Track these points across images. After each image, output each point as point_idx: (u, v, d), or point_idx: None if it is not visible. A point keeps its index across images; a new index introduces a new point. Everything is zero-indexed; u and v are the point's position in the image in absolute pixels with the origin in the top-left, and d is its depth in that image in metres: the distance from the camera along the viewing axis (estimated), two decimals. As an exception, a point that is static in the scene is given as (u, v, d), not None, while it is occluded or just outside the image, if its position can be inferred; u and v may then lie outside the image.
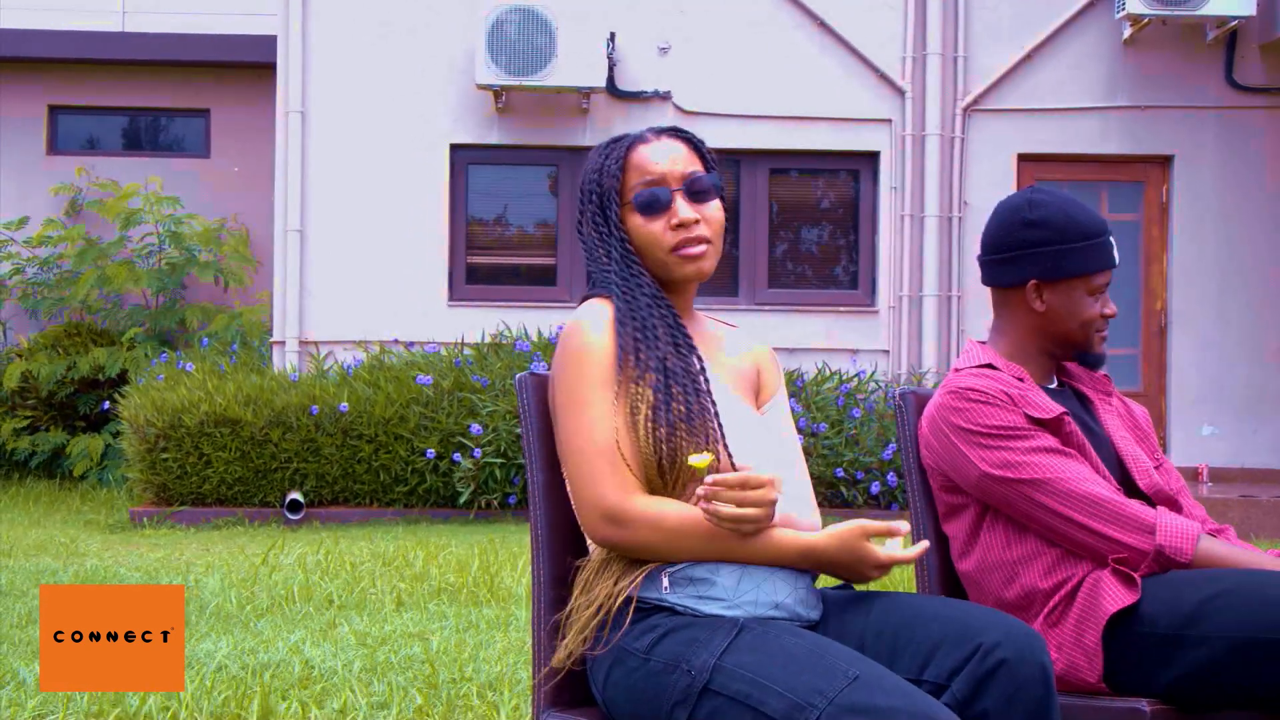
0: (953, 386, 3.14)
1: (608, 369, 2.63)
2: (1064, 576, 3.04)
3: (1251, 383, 12.35)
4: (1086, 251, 3.18)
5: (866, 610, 2.62)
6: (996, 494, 3.07)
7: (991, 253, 3.26)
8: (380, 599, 6.88)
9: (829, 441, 10.85)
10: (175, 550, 8.98)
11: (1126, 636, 2.93)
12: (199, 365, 11.68)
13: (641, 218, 2.73)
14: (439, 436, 10.70)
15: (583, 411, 2.62)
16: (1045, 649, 2.43)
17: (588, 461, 2.60)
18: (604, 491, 2.57)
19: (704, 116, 12.24)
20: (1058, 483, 3.01)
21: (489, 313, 11.99)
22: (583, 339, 2.65)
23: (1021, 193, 3.27)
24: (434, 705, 4.66)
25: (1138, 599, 2.91)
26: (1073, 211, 3.19)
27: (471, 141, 12.28)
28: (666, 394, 2.60)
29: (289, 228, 12.15)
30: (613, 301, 2.70)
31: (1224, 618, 2.81)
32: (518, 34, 11.64)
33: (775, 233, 12.56)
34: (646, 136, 2.78)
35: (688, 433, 2.58)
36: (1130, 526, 2.98)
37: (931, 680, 2.43)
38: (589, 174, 2.78)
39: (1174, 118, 12.38)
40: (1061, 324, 3.21)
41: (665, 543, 2.55)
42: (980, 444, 3.06)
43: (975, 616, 2.47)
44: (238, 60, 14.60)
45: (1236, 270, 12.38)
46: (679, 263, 2.73)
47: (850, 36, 12.30)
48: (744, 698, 2.36)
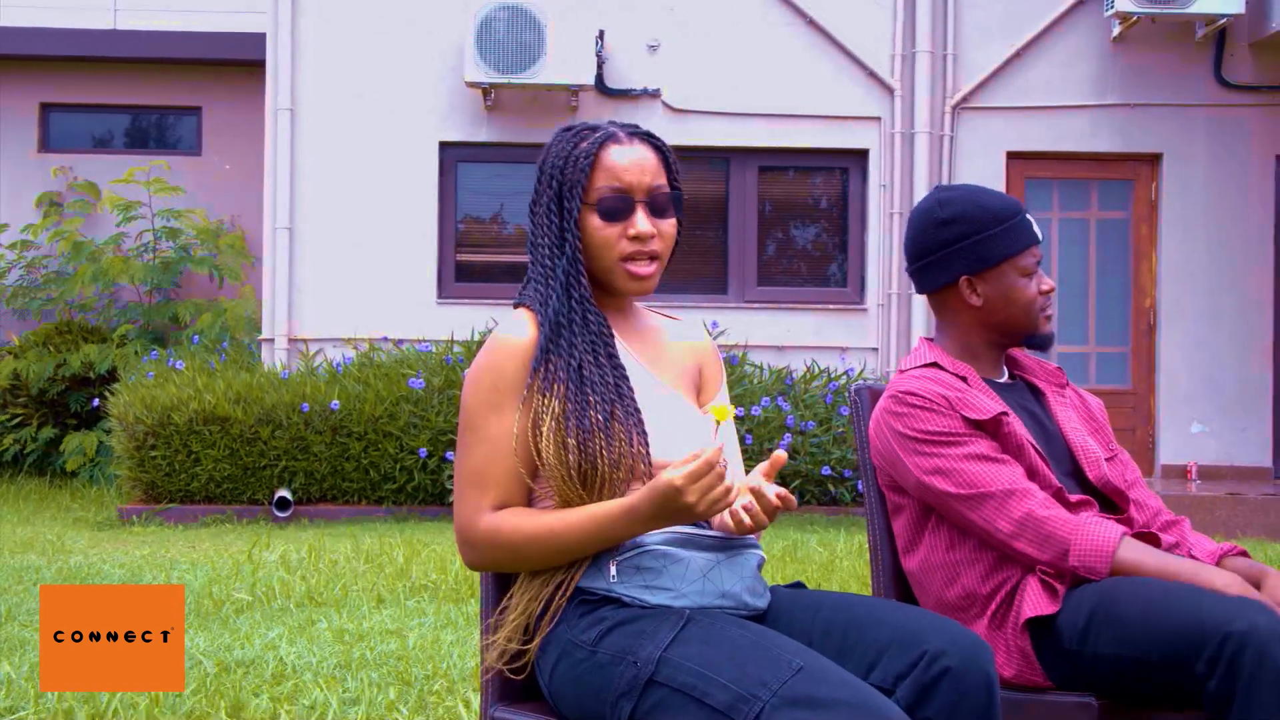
0: (893, 390, 3.15)
1: (505, 391, 2.64)
2: (1001, 579, 3.06)
3: (1240, 380, 12.35)
4: (1005, 234, 3.19)
5: (815, 609, 2.63)
6: (932, 499, 3.10)
7: (915, 260, 3.28)
8: (360, 596, 6.90)
9: (817, 439, 10.85)
10: (162, 548, 8.99)
11: (1051, 644, 2.96)
12: (189, 363, 11.68)
13: (600, 221, 2.70)
14: (429, 434, 10.70)
15: (468, 434, 2.66)
16: (992, 658, 2.44)
17: (457, 484, 2.66)
18: (459, 514, 2.64)
19: (693, 114, 12.25)
20: (986, 497, 3.03)
21: (479, 310, 11.99)
22: (487, 359, 2.68)
23: (929, 195, 3.28)
24: (405, 701, 4.67)
25: (1055, 610, 2.94)
26: (983, 199, 3.20)
27: (461, 139, 12.28)
28: (582, 402, 2.60)
29: (279, 225, 12.16)
30: (536, 312, 2.70)
31: (1105, 633, 2.85)
32: (507, 31, 11.65)
33: (765, 231, 12.57)
34: (620, 136, 2.74)
35: (606, 442, 2.58)
36: (1047, 547, 2.98)
37: (877, 683, 2.43)
38: (554, 159, 2.74)
39: (1163, 115, 12.39)
40: (1002, 311, 3.22)
41: (510, 558, 2.61)
42: (916, 450, 3.08)
43: (923, 623, 2.47)
44: (229, 58, 14.58)
45: (1226, 268, 12.38)
46: (625, 276, 2.72)
47: (840, 34, 12.31)
48: (689, 689, 2.37)
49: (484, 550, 2.61)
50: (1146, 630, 2.77)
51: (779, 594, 2.72)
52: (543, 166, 2.75)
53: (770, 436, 10.73)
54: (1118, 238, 12.45)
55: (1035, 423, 3.23)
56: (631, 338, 2.80)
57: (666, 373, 2.82)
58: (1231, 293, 12.37)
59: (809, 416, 11.02)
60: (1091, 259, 12.33)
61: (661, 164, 2.75)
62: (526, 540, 2.57)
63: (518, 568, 2.64)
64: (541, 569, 2.62)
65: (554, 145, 2.76)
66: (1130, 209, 12.52)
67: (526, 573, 2.65)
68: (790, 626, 2.60)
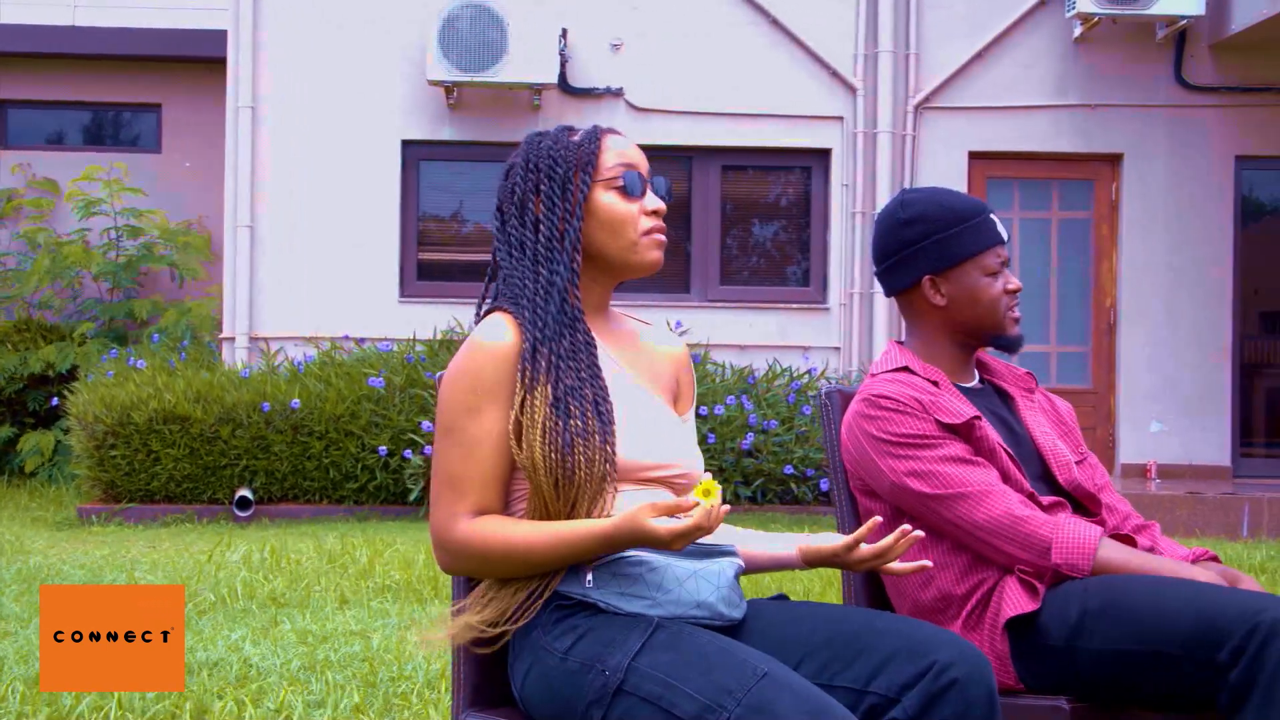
0: (866, 394, 3.15)
1: (482, 394, 2.60)
2: (977, 581, 3.06)
3: (1200, 380, 12.42)
4: (966, 233, 3.19)
5: (802, 620, 2.62)
6: (907, 503, 3.09)
7: (880, 261, 3.29)
8: (324, 597, 6.87)
9: (779, 439, 10.86)
10: (122, 548, 8.93)
11: (1032, 643, 2.96)
12: (149, 361, 11.61)
13: (619, 196, 2.68)
14: (390, 433, 10.67)
15: (444, 436, 2.63)
16: (992, 672, 2.46)
17: (434, 487, 2.64)
18: (434, 518, 2.62)
19: (656, 113, 12.25)
20: (962, 498, 3.03)
21: (441, 309, 11.96)
22: (464, 362, 2.64)
23: (894, 198, 3.30)
24: (371, 703, 4.65)
25: (1037, 608, 2.94)
26: (945, 200, 3.22)
27: (423, 137, 12.25)
28: (564, 411, 2.57)
29: (240, 223, 12.10)
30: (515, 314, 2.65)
31: (1104, 629, 2.85)
32: (470, 30, 11.62)
33: (727, 230, 12.57)
34: (611, 129, 2.76)
35: (585, 450, 2.57)
36: (1028, 545, 2.99)
37: (879, 692, 2.44)
38: (548, 150, 2.70)
39: (1124, 116, 12.45)
40: (967, 311, 3.22)
41: (482, 567, 2.59)
42: (891, 453, 3.08)
43: (928, 634, 2.48)
44: (189, 55, 14.49)
45: (1185, 268, 12.45)
46: (649, 246, 2.70)
47: (803, 34, 12.32)
48: (656, 699, 2.37)
49: (458, 557, 2.59)
50: (1161, 622, 2.77)
51: (763, 606, 2.71)
52: (532, 163, 2.71)
53: (733, 436, 10.73)
54: (1079, 237, 12.50)
55: (1005, 427, 3.23)
56: (610, 339, 2.79)
57: (644, 375, 2.80)
58: (1191, 293, 12.44)
59: (771, 415, 11.02)
60: (1053, 259, 12.37)
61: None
62: (499, 552, 2.55)
63: (488, 575, 2.62)
64: (504, 577, 2.61)
65: (537, 143, 2.74)
66: (1091, 209, 12.58)
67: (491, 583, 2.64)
68: (783, 637, 2.59)
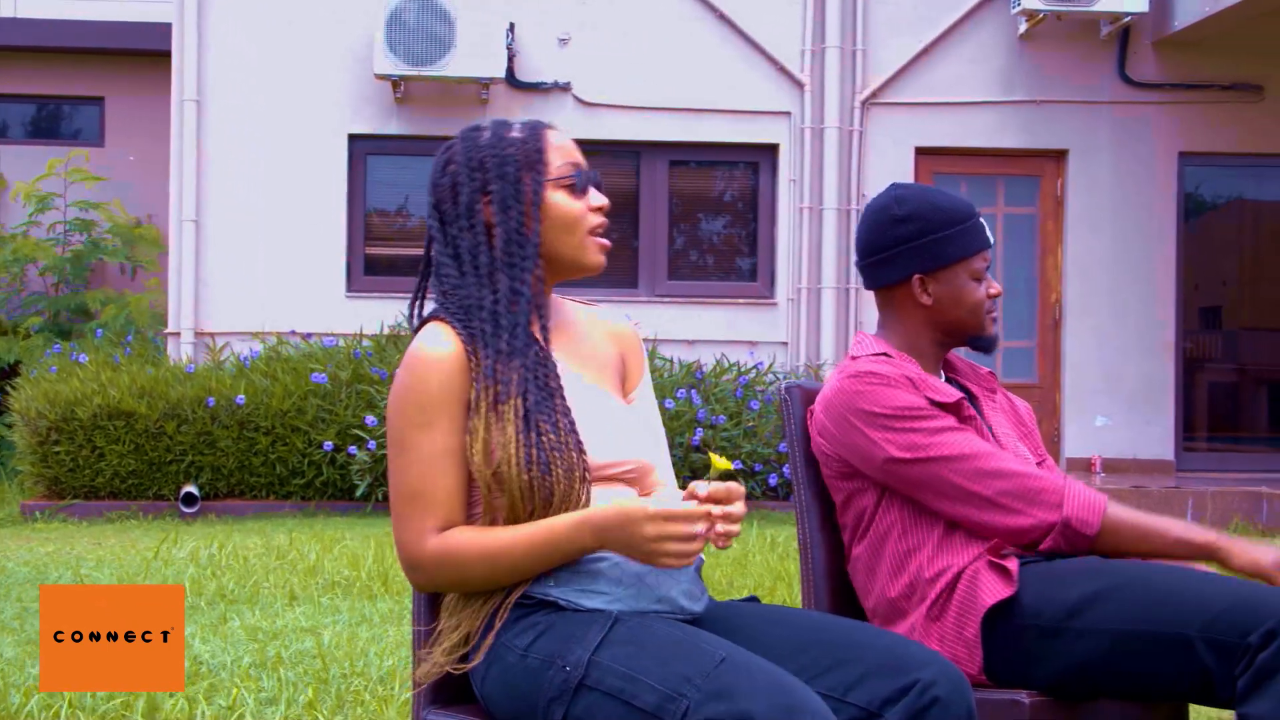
0: (854, 371, 3.12)
1: (431, 408, 2.56)
2: (944, 565, 3.05)
3: (1144, 374, 12.52)
4: (960, 236, 3.20)
5: (781, 622, 2.60)
6: (901, 476, 3.06)
7: (869, 255, 3.26)
8: (273, 593, 6.83)
9: (727, 433, 10.88)
10: (66, 544, 8.86)
11: (1007, 629, 2.95)
12: (93, 357, 11.52)
13: (570, 196, 2.66)
14: (336, 429, 10.62)
15: (399, 454, 2.58)
16: (971, 692, 2.45)
17: (395, 507, 2.59)
18: (402, 539, 2.57)
19: (604, 108, 12.24)
20: (967, 459, 3.02)
21: (388, 304, 11.91)
22: (408, 377, 2.59)
23: (885, 193, 3.27)
24: (323, 700, 4.63)
25: (1014, 592, 2.94)
26: (939, 200, 3.21)
27: (370, 132, 12.20)
28: (534, 429, 2.54)
29: (185, 218, 12.01)
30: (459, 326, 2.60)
31: (1108, 610, 2.84)
32: (417, 23, 11.58)
33: (675, 225, 12.58)
34: (550, 124, 2.72)
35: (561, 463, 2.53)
36: (1038, 499, 2.99)
37: (859, 704, 2.42)
38: (493, 150, 2.65)
39: (1069, 112, 12.53)
40: (951, 312, 3.22)
41: (459, 579, 2.56)
42: (886, 426, 3.05)
43: (911, 651, 2.46)
44: (133, 48, 14.39)
45: (1130, 263, 12.54)
46: (596, 248, 2.68)
47: (750, 29, 12.34)
48: (617, 692, 2.36)
49: (433, 574, 2.55)
50: (1186, 604, 2.77)
51: (737, 607, 2.70)
52: (469, 163, 2.65)
53: (681, 430, 10.74)
54: (1024, 233, 12.57)
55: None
56: (556, 335, 2.75)
57: (589, 366, 2.77)
58: (1135, 288, 12.53)
59: (719, 410, 11.04)
60: (999, 254, 12.44)
61: None
62: (477, 562, 2.52)
63: (468, 588, 2.58)
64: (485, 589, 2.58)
65: (475, 139, 2.68)
66: (1037, 204, 12.65)
67: (455, 600, 2.61)
68: (751, 639, 2.57)
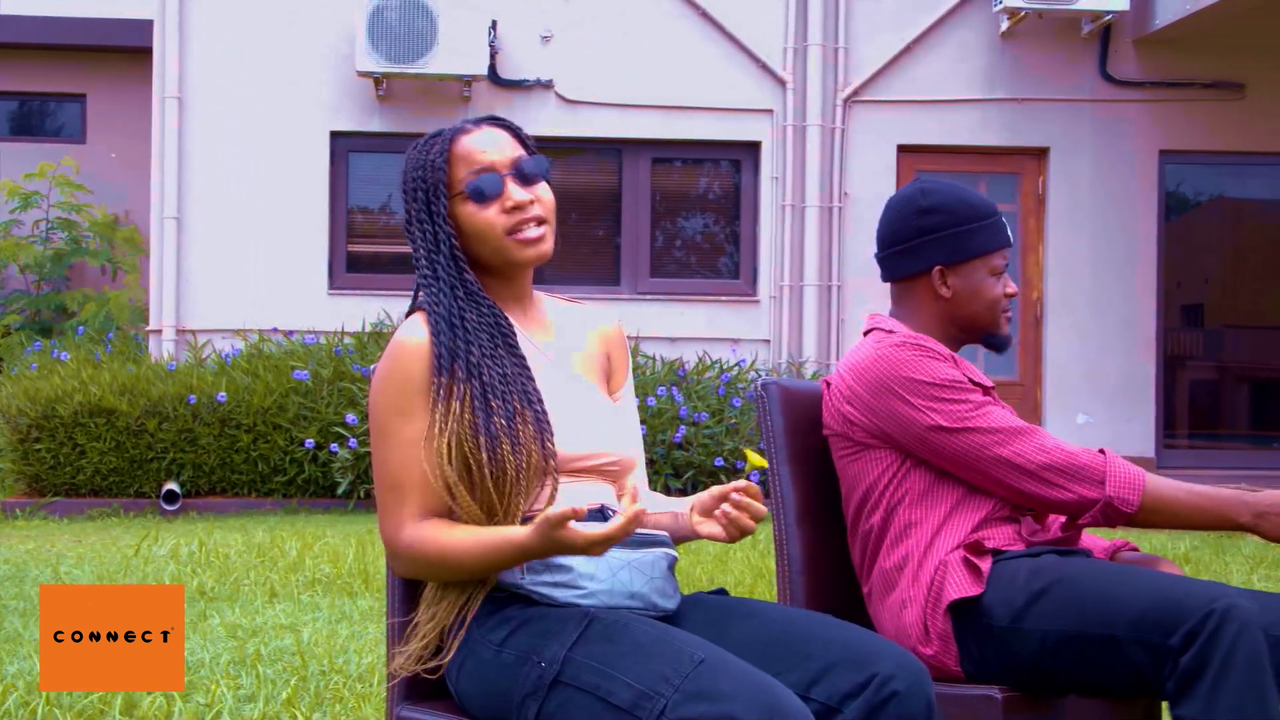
0: (898, 341, 3.12)
1: (411, 395, 2.59)
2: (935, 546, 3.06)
3: (1125, 372, 12.55)
4: (984, 231, 3.22)
5: (746, 617, 2.61)
6: (941, 445, 3.06)
7: (891, 246, 3.26)
8: (253, 591, 6.82)
9: (710, 430, 10.89)
10: (47, 542, 8.84)
11: (975, 626, 2.97)
12: (74, 354, 11.51)
13: (474, 205, 2.65)
14: (318, 426, 10.61)
15: (381, 442, 2.61)
16: (931, 684, 2.46)
17: (378, 495, 2.63)
18: (383, 526, 2.62)
19: (586, 105, 12.24)
20: (1011, 432, 3.05)
21: (370, 301, 11.91)
22: (390, 365, 2.63)
23: (910, 184, 3.28)
24: (302, 697, 4.62)
25: (981, 591, 2.95)
26: (964, 195, 3.23)
27: (352, 129, 12.19)
28: (485, 409, 2.57)
29: (166, 215, 12.00)
30: (428, 316, 2.65)
31: (1046, 611, 2.87)
32: (399, 20, 11.57)
33: (657, 222, 12.58)
34: (466, 127, 2.71)
35: (512, 447, 2.55)
36: (1082, 476, 3.02)
37: (820, 700, 2.42)
38: (411, 171, 2.69)
39: (1050, 110, 12.55)
40: (969, 307, 3.23)
41: (429, 572, 2.59)
42: (933, 396, 3.06)
43: (871, 645, 2.47)
44: (115, 45, 14.37)
45: (1110, 261, 12.57)
46: (518, 246, 2.67)
47: (732, 27, 12.35)
48: (593, 689, 2.36)
49: (407, 563, 2.60)
50: (1113, 605, 2.79)
51: (705, 600, 2.71)
52: (405, 186, 2.70)
53: (664, 428, 10.74)
54: (1006, 231, 12.58)
55: None
56: (534, 328, 2.76)
57: (572, 360, 2.79)
58: (1116, 285, 12.56)
59: (701, 408, 11.04)
60: (980, 252, 12.45)
61: (515, 139, 2.72)
62: (436, 559, 2.55)
63: (439, 579, 2.61)
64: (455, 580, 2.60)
65: (408, 161, 2.72)
66: (1018, 202, 12.68)
67: (434, 591, 2.64)
68: (719, 632, 2.58)
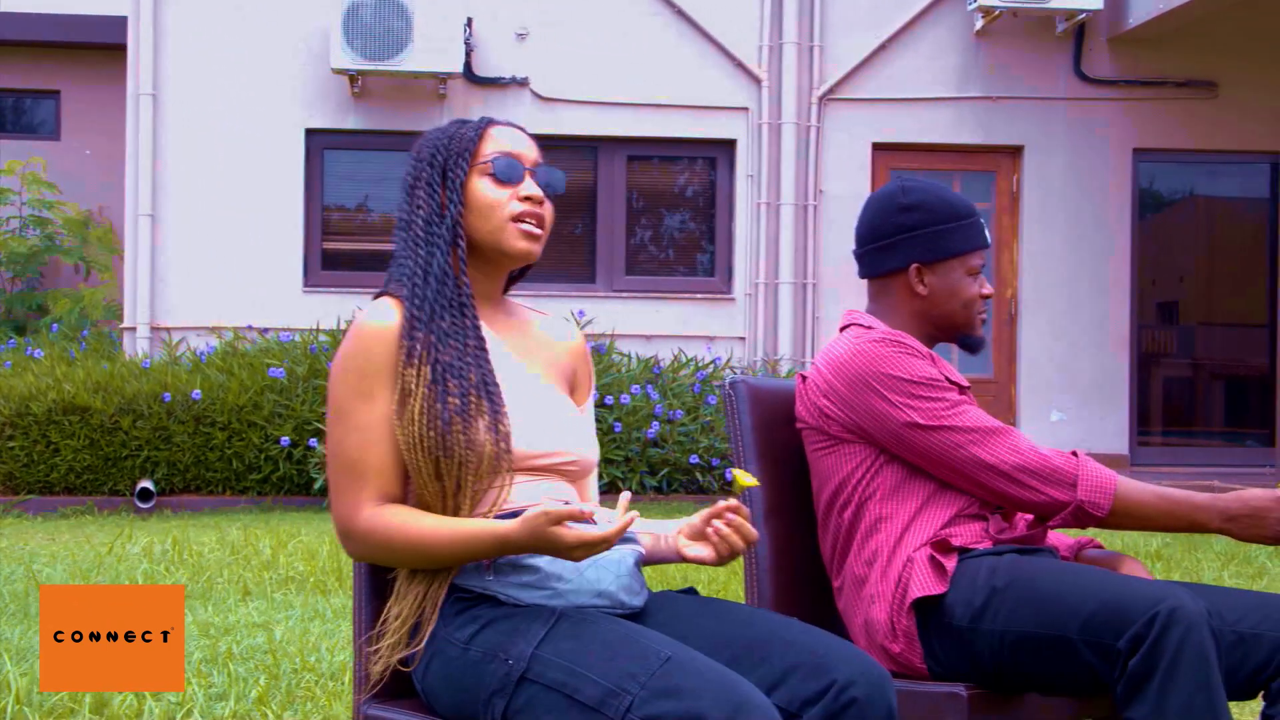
0: (877, 337, 3.13)
1: (372, 377, 2.59)
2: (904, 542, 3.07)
3: (1098, 369, 12.60)
4: (962, 231, 3.23)
5: (713, 615, 2.62)
6: (917, 442, 3.07)
7: (870, 242, 3.28)
8: (226, 589, 6.82)
9: (685, 428, 10.90)
10: (20, 540, 8.82)
11: (939, 625, 2.98)
12: (48, 352, 11.48)
13: (492, 182, 2.67)
14: (293, 424, 10.60)
15: (337, 422, 2.61)
16: (893, 690, 2.46)
17: (332, 476, 2.62)
18: (337, 507, 2.61)
19: (561, 103, 12.24)
20: (986, 432, 3.05)
21: (345, 299, 11.90)
22: (353, 346, 2.62)
23: (891, 182, 3.30)
24: (274, 695, 4.62)
25: (945, 590, 2.97)
26: (944, 194, 3.25)
27: (327, 126, 12.18)
28: (441, 389, 2.57)
29: (141, 212, 11.98)
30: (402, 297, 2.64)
31: (1001, 612, 2.88)
32: (374, 18, 11.56)
33: (633, 220, 12.59)
34: (502, 122, 2.76)
35: (464, 428, 2.56)
36: (1053, 479, 3.02)
37: (780, 705, 2.41)
38: (435, 138, 2.72)
39: (1024, 108, 12.59)
40: (944, 305, 3.24)
41: (387, 556, 2.59)
42: (911, 393, 3.07)
43: (833, 650, 2.46)
44: (89, 41, 14.33)
45: (1084, 258, 12.62)
46: (516, 234, 2.67)
47: (708, 25, 12.36)
48: (560, 686, 2.37)
49: (363, 547, 2.59)
50: (1064, 606, 2.80)
51: (672, 598, 2.71)
52: (420, 152, 2.72)
53: (638, 425, 10.76)
54: (980, 229, 12.62)
55: None
56: (502, 328, 2.77)
57: (537, 364, 2.80)
58: (1090, 283, 12.61)
59: (677, 405, 11.06)
60: (955, 249, 12.49)
61: (539, 150, 2.77)
62: (401, 544, 2.54)
63: (397, 566, 2.62)
64: (419, 570, 2.60)
65: (433, 133, 2.75)
66: (993, 200, 12.72)
67: (404, 580, 2.63)
68: (683, 630, 2.59)
